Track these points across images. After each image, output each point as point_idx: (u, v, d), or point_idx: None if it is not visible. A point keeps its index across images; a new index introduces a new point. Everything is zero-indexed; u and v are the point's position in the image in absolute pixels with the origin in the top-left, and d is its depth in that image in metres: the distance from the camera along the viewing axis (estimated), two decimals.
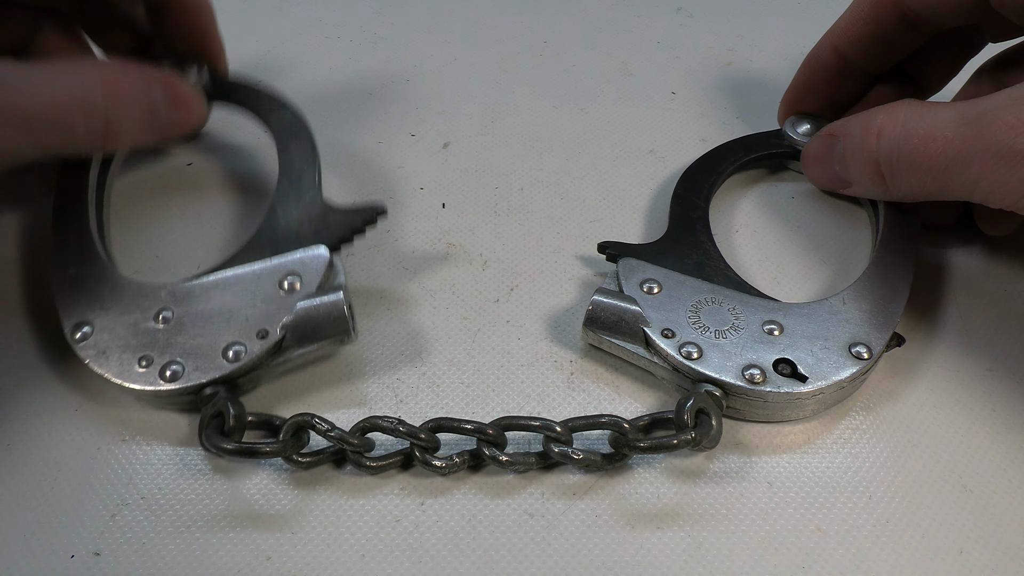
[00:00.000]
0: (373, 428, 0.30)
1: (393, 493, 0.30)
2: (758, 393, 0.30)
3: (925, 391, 0.33)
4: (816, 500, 0.30)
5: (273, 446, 0.29)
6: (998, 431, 0.32)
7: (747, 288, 0.34)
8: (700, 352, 0.31)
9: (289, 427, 0.30)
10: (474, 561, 0.28)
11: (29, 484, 0.30)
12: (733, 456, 0.31)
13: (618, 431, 0.30)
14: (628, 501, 0.30)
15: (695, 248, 0.35)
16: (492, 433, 0.30)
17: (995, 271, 0.37)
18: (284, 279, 0.32)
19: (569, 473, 0.31)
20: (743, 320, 0.32)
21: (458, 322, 0.35)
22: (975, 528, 0.29)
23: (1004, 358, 0.34)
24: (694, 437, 0.29)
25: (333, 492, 0.30)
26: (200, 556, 0.28)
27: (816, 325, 0.32)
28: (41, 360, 0.33)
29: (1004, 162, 0.28)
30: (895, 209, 0.37)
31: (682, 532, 0.29)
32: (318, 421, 0.29)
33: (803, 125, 0.41)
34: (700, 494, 0.30)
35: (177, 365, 0.30)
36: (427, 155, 0.43)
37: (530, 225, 0.39)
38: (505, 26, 0.52)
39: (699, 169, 0.39)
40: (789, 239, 0.39)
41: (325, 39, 0.51)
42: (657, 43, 0.51)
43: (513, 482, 0.30)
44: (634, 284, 0.33)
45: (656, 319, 0.32)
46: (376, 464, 0.30)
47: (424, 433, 0.30)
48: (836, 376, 0.30)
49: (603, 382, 0.33)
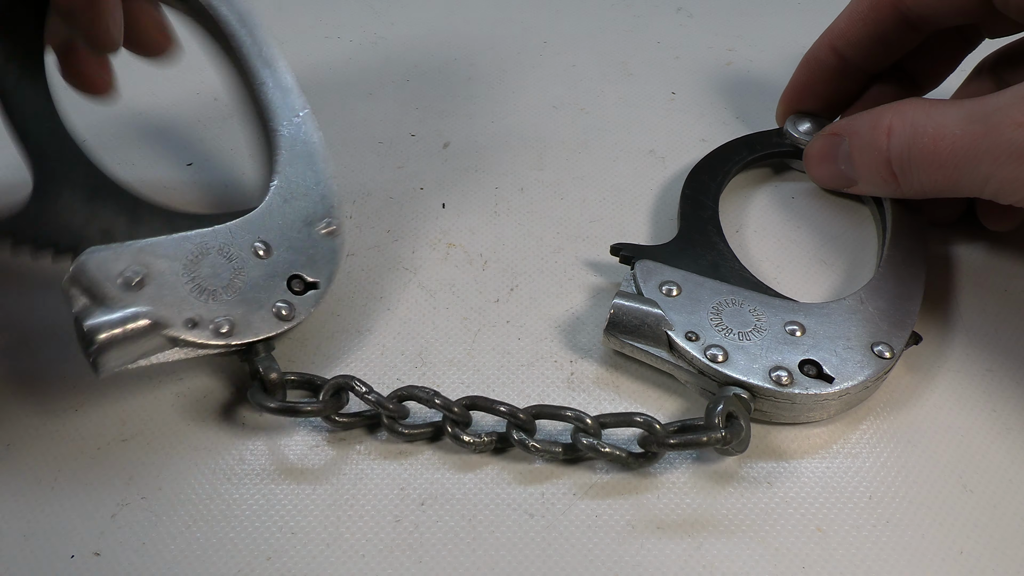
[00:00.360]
0: (409, 396, 0.31)
1: (393, 493, 0.30)
2: (786, 395, 0.30)
3: (925, 391, 0.33)
4: (816, 500, 0.30)
5: (315, 405, 0.30)
6: (998, 431, 0.32)
7: (764, 288, 0.34)
8: (726, 355, 0.31)
9: (329, 387, 0.30)
10: (474, 561, 0.28)
11: (29, 484, 0.30)
12: (732, 457, 0.31)
13: (648, 430, 0.29)
14: (628, 501, 0.30)
15: (709, 249, 0.35)
16: (523, 418, 0.30)
17: (996, 271, 0.37)
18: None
19: (580, 471, 0.31)
20: (765, 321, 0.32)
21: (458, 322, 0.35)
22: (975, 528, 0.29)
23: (1004, 358, 0.34)
24: (724, 436, 0.29)
25: (333, 492, 0.30)
26: (200, 556, 0.28)
27: (837, 325, 0.32)
28: (41, 360, 0.33)
29: (1013, 160, 0.28)
30: (902, 206, 0.37)
31: (682, 532, 0.29)
32: (357, 384, 0.30)
33: (804, 124, 0.41)
34: (699, 494, 0.30)
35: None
36: (427, 155, 0.43)
37: (530, 225, 0.39)
38: (505, 26, 0.52)
39: (705, 168, 0.39)
40: (793, 238, 0.39)
41: (325, 39, 0.51)
42: (657, 43, 0.51)
43: (513, 481, 0.30)
44: (653, 286, 0.33)
45: (679, 322, 0.32)
46: (409, 432, 0.31)
47: (458, 407, 0.30)
48: (861, 376, 0.30)
49: (603, 382, 0.33)
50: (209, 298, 0.30)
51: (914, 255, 0.35)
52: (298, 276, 0.31)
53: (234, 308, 0.30)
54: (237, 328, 0.30)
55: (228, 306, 0.30)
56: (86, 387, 0.33)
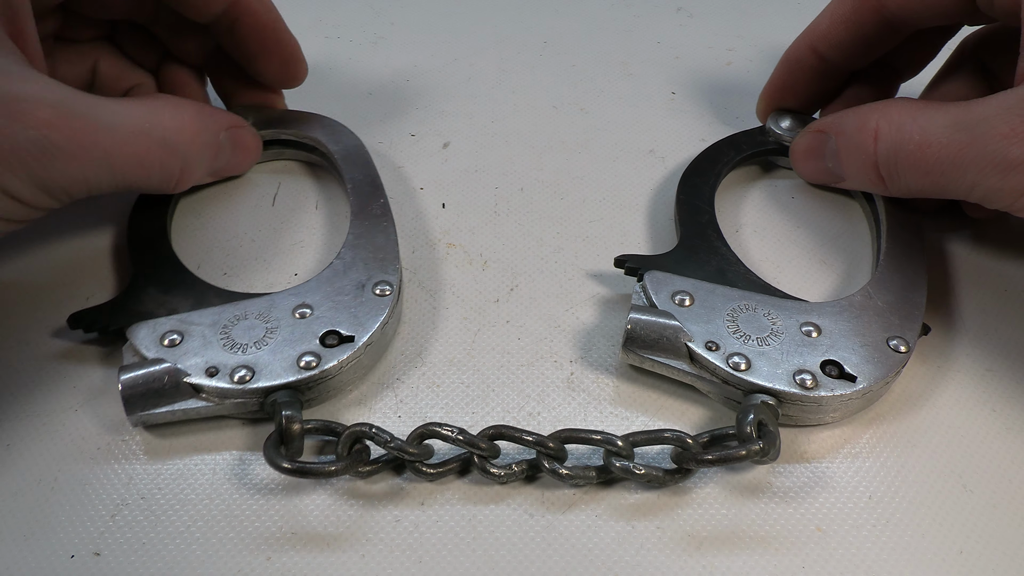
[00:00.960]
0: (431, 435, 0.29)
1: (393, 494, 0.30)
2: (813, 398, 0.30)
3: (925, 391, 0.33)
4: (816, 500, 0.30)
5: (337, 464, 0.28)
6: (998, 431, 0.32)
7: (773, 291, 0.33)
8: (748, 362, 0.30)
9: (346, 439, 0.29)
10: (474, 561, 0.28)
11: (29, 484, 0.30)
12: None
13: (681, 446, 0.29)
14: (627, 500, 0.30)
15: (712, 254, 0.35)
16: (552, 447, 0.29)
17: (995, 271, 0.37)
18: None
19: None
20: (780, 324, 0.32)
21: (458, 322, 0.35)
22: (975, 528, 0.29)
23: (1004, 358, 0.34)
24: (762, 448, 0.28)
25: (333, 492, 0.30)
26: (200, 556, 0.28)
27: (850, 322, 0.32)
28: (41, 360, 0.33)
29: (999, 171, 0.28)
30: (895, 201, 0.37)
31: (682, 532, 0.29)
32: (376, 431, 0.29)
33: (785, 120, 0.41)
34: (699, 494, 0.30)
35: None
36: (427, 155, 0.43)
37: (530, 225, 0.39)
38: (505, 26, 0.52)
39: (696, 172, 0.39)
40: (785, 236, 0.39)
41: (325, 39, 0.51)
42: (657, 43, 0.51)
43: (513, 482, 0.30)
44: (665, 297, 0.32)
45: (697, 332, 0.31)
46: (435, 471, 0.29)
47: (484, 442, 0.29)
48: (882, 372, 0.30)
49: (603, 382, 0.33)
50: (238, 351, 0.31)
51: (912, 247, 0.35)
52: (334, 331, 0.32)
53: (258, 360, 0.31)
54: (256, 376, 0.30)
55: (253, 358, 0.31)
56: (86, 387, 0.33)
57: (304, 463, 0.28)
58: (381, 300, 0.33)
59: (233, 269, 0.37)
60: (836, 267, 0.38)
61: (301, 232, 0.39)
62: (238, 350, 0.31)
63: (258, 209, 0.40)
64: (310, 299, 0.33)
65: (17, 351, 0.34)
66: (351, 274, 0.34)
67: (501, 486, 0.30)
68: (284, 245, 0.38)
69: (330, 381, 0.31)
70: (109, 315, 0.32)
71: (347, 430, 0.29)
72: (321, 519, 0.29)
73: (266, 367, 0.30)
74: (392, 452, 0.29)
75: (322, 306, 0.32)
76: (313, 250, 0.38)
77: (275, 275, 0.37)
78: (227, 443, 0.31)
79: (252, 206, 0.40)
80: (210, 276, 0.36)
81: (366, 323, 0.32)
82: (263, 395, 0.30)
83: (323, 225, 0.39)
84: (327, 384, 0.31)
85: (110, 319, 0.32)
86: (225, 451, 0.31)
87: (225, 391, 0.30)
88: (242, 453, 0.31)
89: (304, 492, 0.30)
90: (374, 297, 0.33)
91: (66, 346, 0.34)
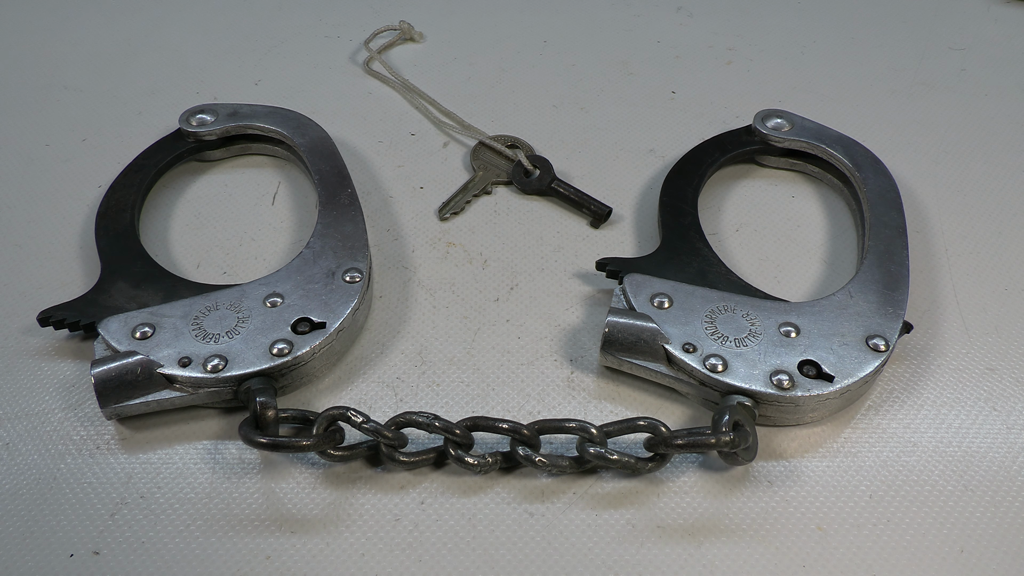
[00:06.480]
0: (408, 423, 0.30)
1: (392, 493, 0.30)
2: (789, 399, 0.30)
3: (925, 391, 0.33)
4: (817, 499, 0.30)
5: (310, 440, 0.29)
6: (998, 431, 0.32)
7: (753, 291, 0.33)
8: (725, 363, 0.30)
9: (323, 420, 0.29)
10: (474, 561, 0.28)
11: (29, 484, 0.30)
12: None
13: (653, 432, 0.29)
14: (628, 501, 0.30)
15: (694, 255, 0.35)
16: (527, 434, 0.29)
17: (995, 270, 0.37)
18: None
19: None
20: (759, 325, 0.32)
21: (458, 321, 0.35)
22: (975, 528, 0.29)
23: (1004, 358, 0.34)
24: (732, 439, 0.28)
25: (333, 491, 0.30)
26: (200, 556, 0.28)
27: (830, 322, 0.32)
28: (41, 359, 0.33)
29: None
30: (880, 199, 0.37)
31: (682, 531, 0.29)
32: (353, 413, 0.29)
33: (772, 120, 0.41)
34: (699, 494, 0.30)
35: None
36: (427, 155, 0.43)
37: (530, 225, 0.39)
38: (505, 26, 0.52)
39: (680, 174, 0.39)
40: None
41: (325, 39, 0.51)
42: (657, 43, 0.51)
43: (514, 481, 0.30)
44: (644, 300, 0.33)
45: (674, 334, 0.31)
46: (410, 460, 0.30)
47: (459, 430, 0.29)
48: (860, 371, 0.30)
49: (602, 381, 0.33)
50: (210, 341, 0.31)
51: (895, 245, 0.35)
52: (306, 318, 0.32)
53: (231, 349, 0.31)
54: (228, 365, 0.30)
55: (225, 347, 0.31)
56: (85, 387, 0.33)
57: (278, 438, 0.29)
58: (351, 287, 0.33)
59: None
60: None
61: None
62: (210, 340, 0.31)
63: (259, 206, 0.40)
64: (280, 288, 0.33)
65: (16, 350, 0.34)
66: (321, 262, 0.34)
67: (482, 477, 0.30)
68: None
69: (303, 367, 0.32)
70: (79, 311, 0.33)
71: (325, 411, 0.30)
72: (321, 518, 0.29)
73: (239, 355, 0.31)
74: (367, 434, 0.29)
75: (293, 294, 0.33)
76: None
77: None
78: (227, 444, 0.31)
79: (252, 202, 0.40)
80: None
81: (337, 310, 0.32)
82: (237, 383, 0.31)
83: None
84: (300, 371, 0.32)
85: (80, 315, 0.32)
86: (226, 451, 0.31)
87: (199, 380, 0.30)
88: (242, 454, 0.31)
89: (305, 493, 0.30)
90: (344, 284, 0.33)
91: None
